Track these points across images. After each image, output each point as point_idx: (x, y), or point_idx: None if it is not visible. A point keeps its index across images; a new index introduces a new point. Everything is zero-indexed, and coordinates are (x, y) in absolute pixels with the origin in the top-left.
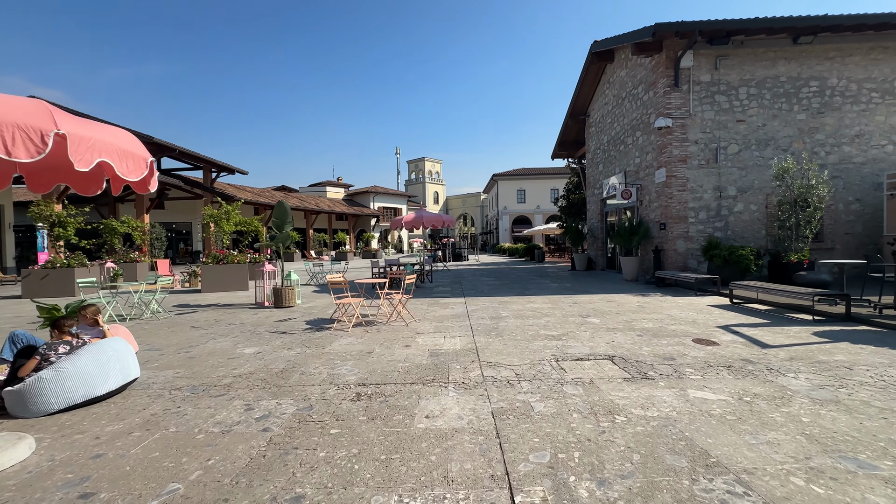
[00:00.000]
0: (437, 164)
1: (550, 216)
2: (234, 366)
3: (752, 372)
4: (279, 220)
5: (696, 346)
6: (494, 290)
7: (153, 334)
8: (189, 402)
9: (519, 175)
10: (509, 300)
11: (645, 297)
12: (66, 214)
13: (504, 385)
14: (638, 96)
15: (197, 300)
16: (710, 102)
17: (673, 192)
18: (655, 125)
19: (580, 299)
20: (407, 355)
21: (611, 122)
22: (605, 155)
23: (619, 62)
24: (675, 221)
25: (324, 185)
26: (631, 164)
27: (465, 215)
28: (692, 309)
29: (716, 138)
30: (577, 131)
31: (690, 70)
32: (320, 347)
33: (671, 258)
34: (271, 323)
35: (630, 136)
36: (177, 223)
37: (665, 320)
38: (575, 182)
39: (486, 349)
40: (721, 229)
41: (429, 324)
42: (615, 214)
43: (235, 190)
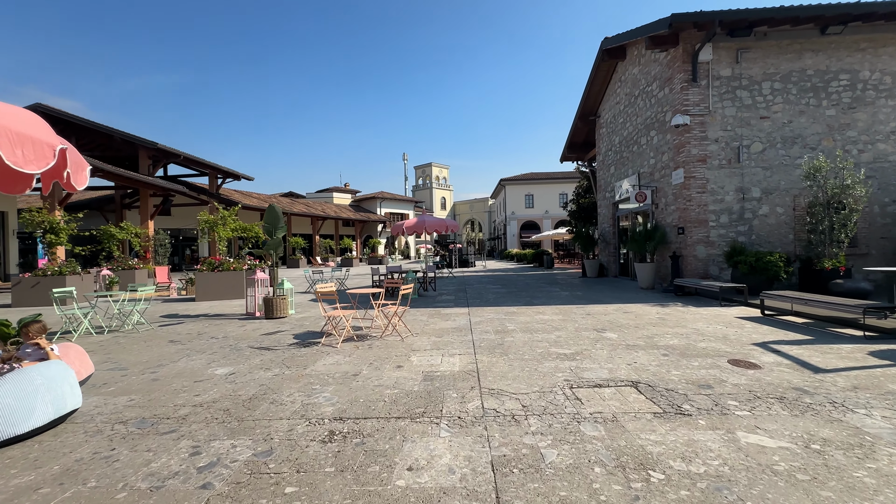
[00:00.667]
0: (444, 169)
1: (559, 221)
2: (199, 391)
3: (812, 406)
4: (270, 224)
5: (734, 370)
6: (501, 299)
7: (125, 350)
8: (129, 441)
9: (527, 180)
10: (516, 311)
11: (664, 307)
12: (57, 221)
13: (508, 421)
14: (652, 94)
15: (188, 309)
16: (732, 98)
17: (692, 195)
18: (672, 123)
19: (593, 310)
20: (397, 379)
21: (623, 122)
22: (617, 156)
23: (632, 59)
24: (694, 225)
25: (331, 191)
26: (645, 165)
27: (473, 221)
28: (720, 322)
29: (738, 136)
30: (587, 133)
31: (709, 64)
32: (301, 368)
33: (690, 265)
34: (256, 337)
35: (644, 135)
36: (183, 230)
37: (692, 335)
38: (585, 186)
39: (488, 371)
40: (745, 234)
41: (427, 338)
42: (628, 219)
43: (241, 196)
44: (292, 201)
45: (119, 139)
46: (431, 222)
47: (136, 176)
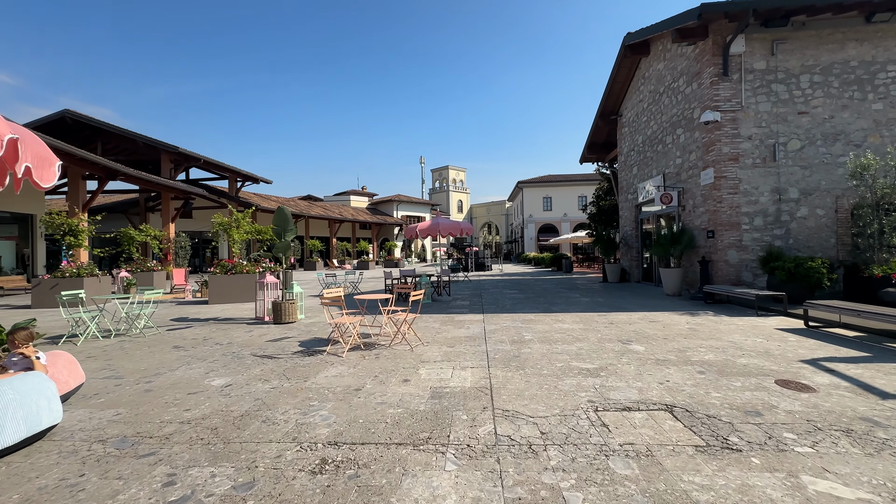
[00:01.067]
0: (461, 172)
1: (578, 224)
2: (191, 405)
3: (889, 444)
4: (279, 227)
5: (784, 393)
6: (517, 305)
7: (127, 356)
8: (102, 465)
9: (545, 182)
10: (534, 318)
11: (694, 316)
12: (76, 223)
13: (524, 452)
14: (679, 90)
15: (199, 313)
16: (766, 92)
17: (723, 196)
18: (701, 120)
19: (617, 318)
20: (402, 396)
21: (646, 121)
22: (640, 157)
23: (656, 54)
24: (725, 228)
25: (348, 194)
26: (671, 165)
27: (490, 224)
28: (759, 334)
29: (773, 133)
30: (608, 132)
31: (742, 57)
32: (302, 380)
33: (721, 270)
34: (261, 343)
35: (670, 134)
36: (203, 232)
37: (729, 349)
38: (605, 187)
39: (503, 388)
40: (781, 237)
41: (437, 348)
42: (652, 221)
43: (260, 199)
44: (310, 204)
45: (142, 143)
46: (446, 225)
47: (156, 179)
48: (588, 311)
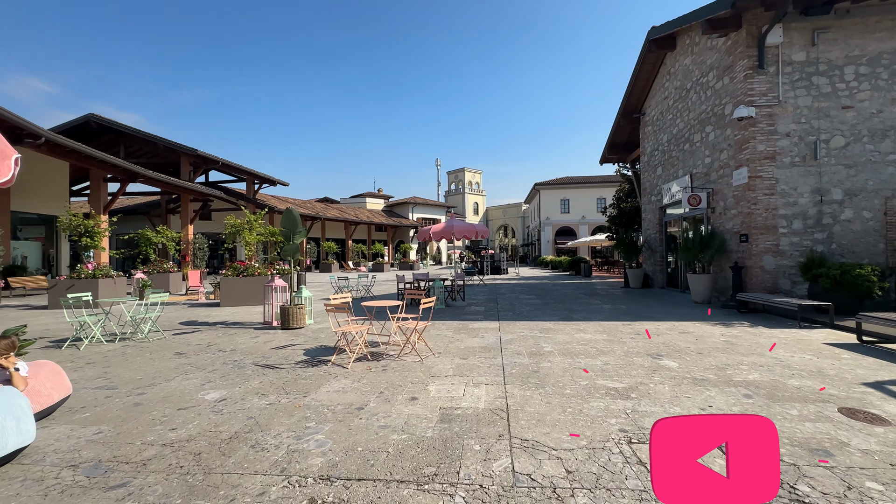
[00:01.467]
0: (477, 174)
1: (596, 227)
2: (179, 422)
3: None
4: (287, 229)
5: (852, 425)
6: (535, 311)
7: (126, 363)
8: (64, 499)
9: (562, 184)
10: (553, 327)
11: (729, 327)
12: (92, 224)
13: (547, 497)
14: (708, 85)
15: (209, 316)
16: (806, 86)
17: (758, 197)
18: (735, 115)
19: (643, 328)
20: (408, 418)
21: (672, 119)
22: (665, 156)
23: (683, 48)
24: (760, 232)
25: (364, 196)
26: (699, 164)
27: (506, 226)
28: (806, 349)
29: (814, 129)
30: (630, 132)
31: (779, 48)
32: (301, 395)
33: (756, 277)
34: (265, 351)
35: (698, 132)
36: (221, 233)
37: (775, 368)
38: (626, 189)
39: (521, 412)
40: (823, 242)
41: (449, 360)
42: (677, 224)
43: (277, 201)
44: (326, 206)
45: (162, 146)
46: (460, 227)
47: (174, 181)
48: (611, 320)
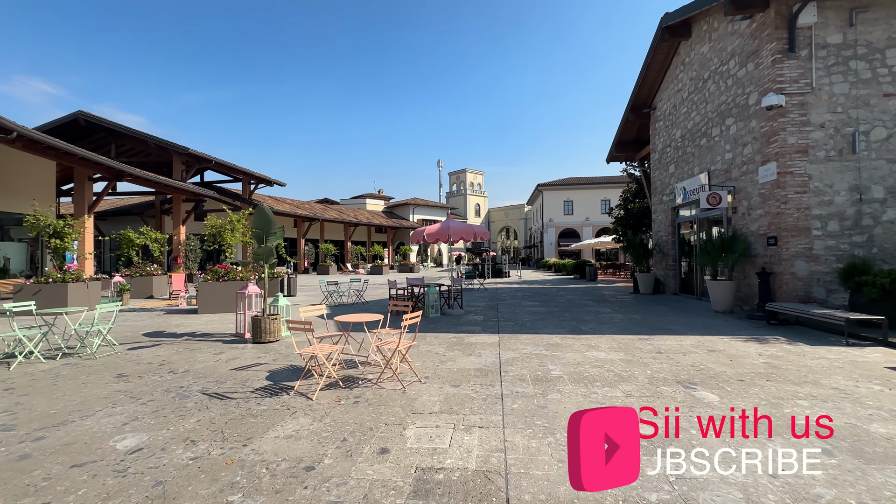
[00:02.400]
0: (478, 175)
1: (601, 229)
2: (60, 490)
3: None
4: (260, 230)
5: None
6: (540, 321)
7: (51, 389)
8: None
9: (566, 185)
10: (561, 342)
11: (763, 343)
12: (62, 225)
13: None
14: (729, 73)
15: (180, 325)
16: (843, 71)
17: (788, 195)
18: (763, 104)
19: (664, 344)
20: (371, 486)
21: (686, 113)
22: (678, 153)
23: (699, 36)
24: (791, 234)
25: (364, 197)
26: (718, 161)
27: (508, 228)
28: (869, 376)
29: (852, 120)
30: (640, 128)
31: (812, 29)
32: (242, 442)
33: (786, 285)
34: (223, 373)
35: (717, 125)
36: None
37: (843, 404)
38: (634, 189)
39: (524, 476)
40: (862, 246)
41: (437, 388)
42: (692, 226)
43: (274, 202)
44: (325, 207)
45: (154, 145)
46: (457, 229)
47: (164, 180)
48: (625, 333)
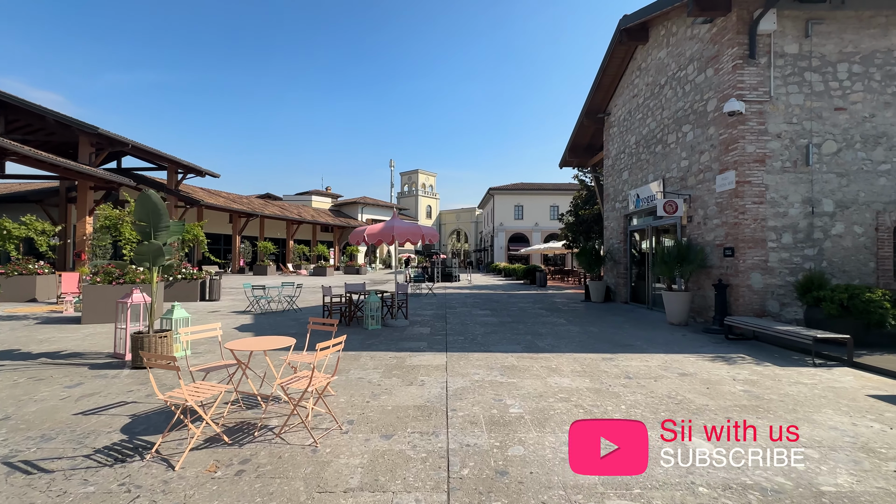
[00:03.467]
0: (431, 176)
1: (549, 234)
2: None
3: None
4: (146, 222)
5: None
6: (492, 336)
7: None
8: None
9: (517, 190)
10: (517, 363)
11: (730, 363)
12: None
13: None
14: (687, 79)
15: (45, 341)
16: (798, 82)
17: (746, 205)
18: (725, 109)
19: (630, 366)
20: None
21: (642, 119)
22: (633, 159)
23: (657, 40)
24: (748, 246)
25: (310, 194)
26: (673, 168)
27: (459, 231)
28: (860, 409)
29: (806, 131)
30: (594, 133)
31: (772, 37)
32: None
33: (743, 298)
34: (61, 421)
35: (673, 132)
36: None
37: (847, 447)
38: (585, 196)
39: None
40: (813, 259)
41: (362, 442)
42: (648, 235)
43: (207, 194)
44: (266, 202)
45: (53, 121)
46: (404, 229)
47: (62, 162)
48: (586, 351)
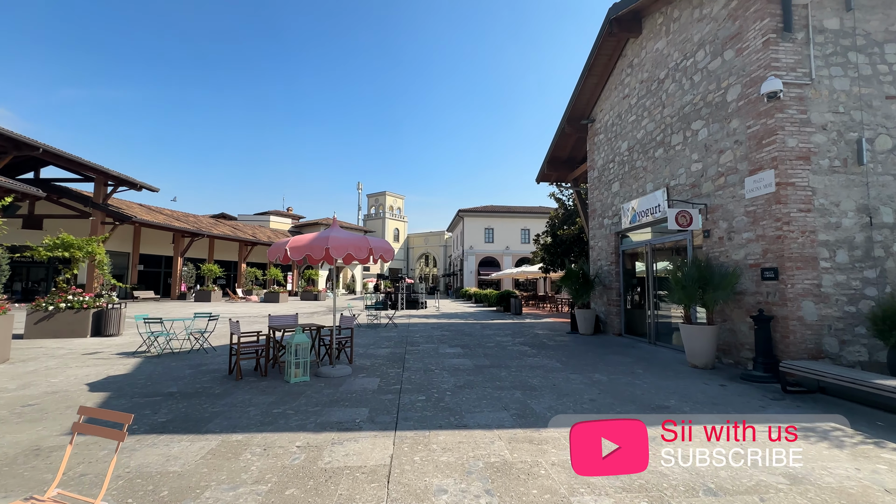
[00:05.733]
0: (399, 199)
1: (521, 258)
2: None
3: None
4: None
5: None
6: (467, 392)
7: None
8: None
9: (487, 212)
10: (509, 455)
11: (837, 444)
12: None
13: None
14: (696, 68)
15: None
16: (843, 64)
17: (791, 213)
18: (763, 91)
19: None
20: None
21: (635, 121)
22: (625, 168)
23: (654, 30)
24: (796, 266)
25: (269, 214)
26: (681, 174)
27: (427, 255)
28: None
29: (856, 123)
30: (575, 143)
31: (808, 8)
32: None
33: (793, 334)
34: None
35: (679, 131)
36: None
37: None
38: (562, 215)
39: None
40: (875, 283)
41: None
42: (645, 255)
43: (144, 211)
44: (217, 222)
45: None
46: (343, 242)
47: None
48: (605, 411)
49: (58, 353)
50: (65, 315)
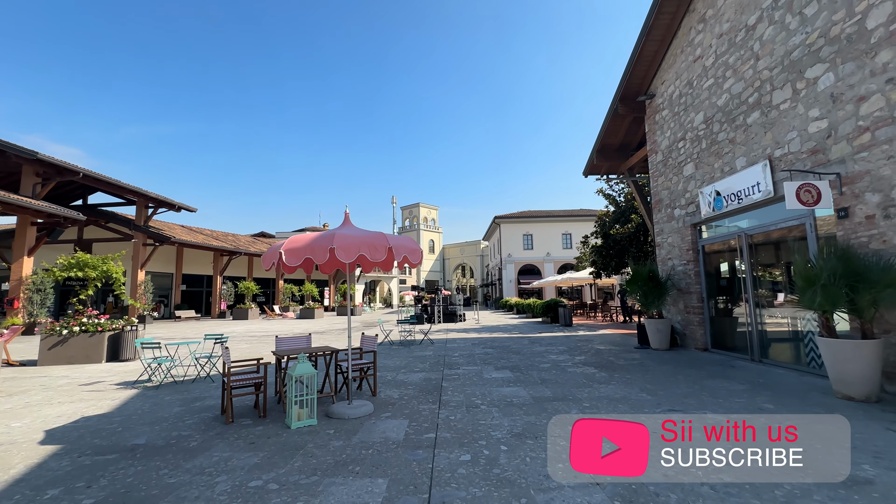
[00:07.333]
0: (433, 210)
1: (563, 265)
2: None
3: None
4: None
5: None
6: (526, 444)
7: None
8: None
9: (525, 218)
10: None
11: None
12: None
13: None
14: None
15: None
16: None
17: None
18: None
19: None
20: None
21: (713, 86)
22: (701, 145)
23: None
24: None
25: (306, 231)
26: (792, 139)
27: (464, 265)
28: None
29: None
30: (629, 127)
31: None
32: None
33: None
34: None
35: (784, 85)
36: None
37: None
38: (612, 213)
39: None
40: None
41: None
42: (740, 248)
43: (185, 232)
44: (255, 240)
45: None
46: (350, 241)
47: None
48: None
49: (55, 383)
50: (79, 339)
